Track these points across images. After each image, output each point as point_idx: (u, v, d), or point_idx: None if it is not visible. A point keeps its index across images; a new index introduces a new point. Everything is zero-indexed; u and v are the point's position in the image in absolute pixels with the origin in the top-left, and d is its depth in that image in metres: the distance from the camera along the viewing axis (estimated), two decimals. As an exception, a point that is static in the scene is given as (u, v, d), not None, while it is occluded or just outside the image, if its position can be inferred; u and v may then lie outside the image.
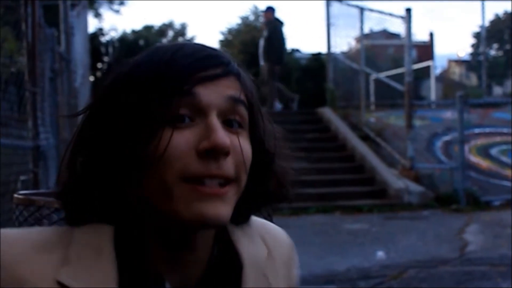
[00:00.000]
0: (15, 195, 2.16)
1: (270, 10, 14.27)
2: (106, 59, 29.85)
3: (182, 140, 0.87)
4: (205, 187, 0.87)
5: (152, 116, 0.87)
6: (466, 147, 11.35)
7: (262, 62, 14.56)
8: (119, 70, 0.94)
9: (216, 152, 0.87)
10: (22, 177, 4.81)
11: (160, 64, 0.90)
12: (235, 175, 0.90)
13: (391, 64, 17.68)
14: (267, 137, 0.99)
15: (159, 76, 0.89)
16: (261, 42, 14.62)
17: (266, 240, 1.08)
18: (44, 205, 1.36)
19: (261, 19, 24.00)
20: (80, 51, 10.55)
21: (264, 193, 1.01)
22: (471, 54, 35.88)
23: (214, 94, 0.90)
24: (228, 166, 0.89)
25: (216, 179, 0.88)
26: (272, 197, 1.03)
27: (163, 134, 0.87)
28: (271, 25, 14.06)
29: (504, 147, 12.36)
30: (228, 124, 0.91)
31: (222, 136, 0.87)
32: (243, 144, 0.92)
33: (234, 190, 0.91)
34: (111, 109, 0.91)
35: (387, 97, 15.14)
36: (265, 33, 14.27)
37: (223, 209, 0.88)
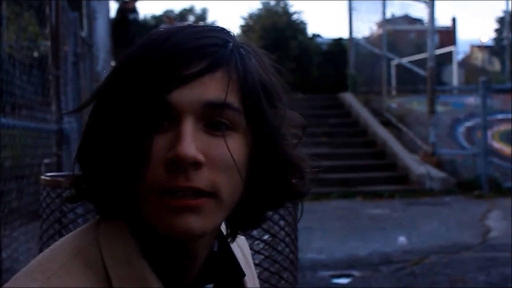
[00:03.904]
0: (42, 177, 2.19)
1: None
2: (127, 44, 30.04)
3: (156, 147, 0.82)
4: (175, 199, 0.82)
5: (133, 120, 0.83)
6: (489, 133, 11.26)
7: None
8: (116, 64, 0.90)
9: (181, 163, 0.81)
10: (46, 160, 4.84)
11: (142, 63, 0.84)
12: (212, 187, 0.83)
13: (413, 49, 17.56)
14: (275, 129, 0.90)
15: (140, 79, 0.84)
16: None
17: (237, 241, 1.05)
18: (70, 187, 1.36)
19: (282, 4, 24.00)
20: (102, 35, 10.56)
21: (276, 191, 0.93)
22: (494, 39, 35.43)
23: (190, 98, 0.83)
24: (200, 177, 0.82)
25: (187, 191, 0.82)
26: (287, 195, 0.95)
27: (142, 140, 0.83)
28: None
29: (527, 133, 12.24)
30: (213, 126, 0.84)
31: (187, 146, 0.80)
32: (231, 149, 0.84)
33: (213, 203, 0.84)
34: (106, 107, 0.87)
35: (409, 82, 15.06)
36: (118, 16, 14.73)
37: (194, 222, 0.82)
